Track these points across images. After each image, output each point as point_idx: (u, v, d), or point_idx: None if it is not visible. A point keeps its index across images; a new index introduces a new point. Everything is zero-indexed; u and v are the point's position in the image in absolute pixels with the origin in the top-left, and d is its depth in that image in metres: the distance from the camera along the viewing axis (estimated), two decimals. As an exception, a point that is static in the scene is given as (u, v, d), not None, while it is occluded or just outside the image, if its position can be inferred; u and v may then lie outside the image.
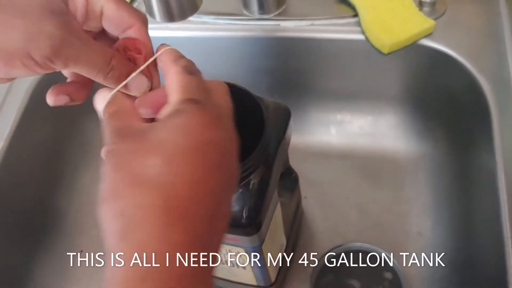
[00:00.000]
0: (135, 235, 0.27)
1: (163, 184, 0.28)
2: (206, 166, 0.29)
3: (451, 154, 0.69)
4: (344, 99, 0.76)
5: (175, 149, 0.29)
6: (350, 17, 0.67)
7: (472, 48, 0.63)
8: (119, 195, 0.29)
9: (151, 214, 0.28)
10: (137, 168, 0.29)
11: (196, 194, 0.29)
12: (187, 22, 0.69)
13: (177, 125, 0.30)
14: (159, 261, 0.27)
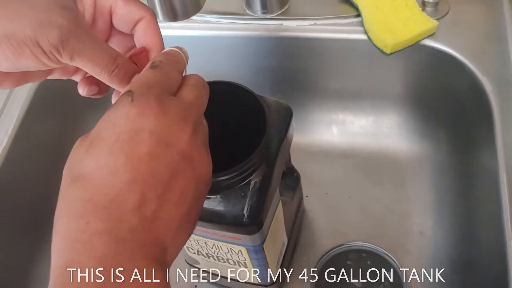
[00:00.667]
0: (60, 227, 0.29)
1: (84, 176, 0.29)
2: (132, 155, 0.29)
3: (453, 154, 0.69)
4: (346, 98, 0.76)
5: (101, 141, 0.30)
6: (352, 17, 0.67)
7: (475, 48, 0.63)
8: (60, 190, 0.31)
9: (71, 206, 0.29)
10: (71, 164, 0.31)
11: (116, 183, 0.29)
12: (190, 21, 0.69)
13: (107, 119, 0.31)
14: (79, 248, 0.28)
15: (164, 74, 0.34)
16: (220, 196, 0.45)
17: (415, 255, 0.66)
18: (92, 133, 0.31)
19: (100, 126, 0.31)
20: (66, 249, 0.28)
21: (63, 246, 0.29)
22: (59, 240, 0.29)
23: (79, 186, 0.29)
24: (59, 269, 0.28)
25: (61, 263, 0.28)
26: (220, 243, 0.51)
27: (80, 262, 0.28)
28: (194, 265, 0.62)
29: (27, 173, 0.69)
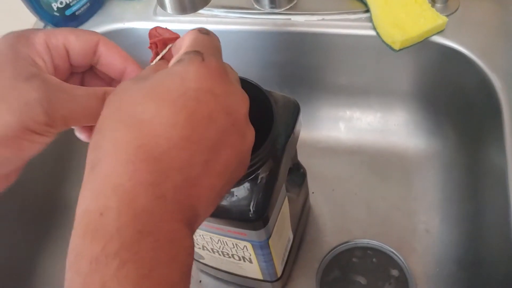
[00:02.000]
0: (102, 168, 0.28)
1: (140, 121, 0.28)
2: (193, 113, 0.29)
3: (461, 152, 0.69)
4: (354, 95, 0.76)
5: (163, 91, 0.29)
6: (361, 12, 0.67)
7: (484, 45, 0.62)
8: (101, 129, 0.29)
9: (121, 148, 0.28)
10: (124, 106, 0.29)
11: (171, 137, 0.28)
12: (197, 15, 0.69)
13: (173, 72, 0.30)
14: (120, 195, 0.26)
15: (215, 41, 0.34)
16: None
17: (421, 253, 0.66)
18: (153, 80, 0.30)
19: (165, 76, 0.30)
20: (104, 193, 0.27)
21: (101, 188, 0.27)
22: (99, 181, 0.27)
23: (132, 130, 0.28)
24: (91, 213, 0.26)
25: (95, 207, 0.27)
26: (226, 238, 0.51)
27: (117, 211, 0.26)
28: (199, 260, 0.62)
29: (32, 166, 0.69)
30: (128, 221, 0.26)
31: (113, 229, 0.26)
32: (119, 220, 0.26)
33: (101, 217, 0.26)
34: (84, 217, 0.27)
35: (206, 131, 0.29)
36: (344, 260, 0.65)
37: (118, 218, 0.26)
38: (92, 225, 0.26)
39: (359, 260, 0.65)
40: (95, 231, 0.26)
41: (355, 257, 0.65)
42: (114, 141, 0.28)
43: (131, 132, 0.28)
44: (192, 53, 0.31)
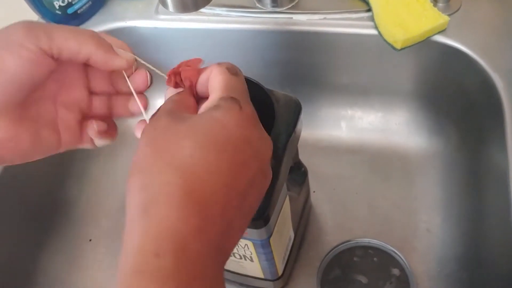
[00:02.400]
0: (156, 210, 0.28)
1: (188, 166, 0.29)
2: (233, 161, 0.31)
3: (462, 152, 0.69)
4: (355, 94, 0.76)
5: (208, 138, 0.30)
6: (363, 11, 0.67)
7: (486, 45, 0.62)
8: (146, 170, 0.30)
9: (173, 193, 0.29)
10: (169, 147, 0.30)
11: (219, 185, 0.30)
12: (199, 14, 0.69)
13: (215, 118, 0.31)
14: (175, 239, 0.28)
15: (243, 81, 0.36)
16: (228, 190, 0.45)
17: (422, 252, 0.65)
18: (196, 124, 0.31)
19: (209, 123, 0.31)
20: (161, 236, 0.28)
21: (158, 231, 0.28)
22: (154, 224, 0.28)
23: (182, 174, 0.29)
24: (146, 253, 0.27)
25: (151, 248, 0.27)
26: (227, 236, 0.51)
27: (174, 255, 0.27)
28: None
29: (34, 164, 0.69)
30: (183, 266, 0.27)
31: (169, 272, 0.27)
32: (175, 264, 0.27)
33: (157, 258, 0.27)
34: (139, 256, 0.28)
35: (242, 177, 0.31)
36: (345, 259, 0.65)
37: (174, 262, 0.27)
38: (147, 265, 0.27)
39: (360, 259, 0.65)
40: (152, 273, 0.27)
41: (356, 256, 0.65)
42: (166, 185, 0.29)
43: (181, 177, 0.29)
44: (230, 100, 0.33)
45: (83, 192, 0.76)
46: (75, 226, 0.73)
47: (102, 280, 0.69)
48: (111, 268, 0.69)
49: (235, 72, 0.35)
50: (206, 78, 0.36)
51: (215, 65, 0.36)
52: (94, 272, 0.69)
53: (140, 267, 0.27)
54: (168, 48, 0.73)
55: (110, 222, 0.73)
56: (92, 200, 0.75)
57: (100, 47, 0.36)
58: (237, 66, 0.36)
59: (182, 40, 0.72)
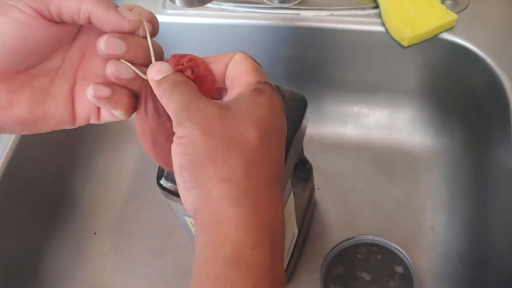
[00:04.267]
0: (248, 204, 0.28)
1: (264, 157, 0.30)
2: (282, 148, 0.32)
3: (468, 150, 0.68)
4: (361, 91, 0.75)
5: (267, 125, 0.30)
6: (370, 8, 0.67)
7: (494, 43, 0.62)
8: (220, 161, 0.29)
9: (259, 186, 0.29)
10: (235, 137, 0.29)
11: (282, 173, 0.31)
12: (206, 9, 0.69)
13: (264, 104, 0.31)
14: (270, 234, 0.28)
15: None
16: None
17: (426, 251, 0.65)
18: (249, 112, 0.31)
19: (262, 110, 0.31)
20: (257, 229, 0.28)
21: (253, 224, 0.28)
22: (247, 216, 0.28)
23: (260, 166, 0.30)
24: (243, 245, 0.27)
25: (248, 240, 0.27)
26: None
27: (271, 249, 0.28)
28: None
29: (40, 157, 0.69)
30: (276, 261, 0.28)
31: (267, 266, 0.27)
32: (271, 259, 0.27)
33: (254, 251, 0.27)
34: (235, 247, 0.27)
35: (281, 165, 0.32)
36: (349, 256, 0.65)
37: (270, 256, 0.27)
38: (245, 257, 0.27)
39: (363, 257, 0.65)
40: (250, 265, 0.27)
41: (359, 253, 0.65)
42: (250, 177, 0.29)
43: (261, 169, 0.29)
44: (269, 86, 0.32)
45: (89, 186, 0.76)
46: (80, 220, 0.73)
47: (106, 273, 0.69)
48: (115, 261, 0.70)
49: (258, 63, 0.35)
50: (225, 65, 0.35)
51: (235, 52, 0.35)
52: (98, 265, 0.70)
53: (238, 258, 0.27)
54: (175, 43, 0.73)
55: (115, 215, 0.74)
56: (97, 194, 0.76)
57: (100, 4, 0.33)
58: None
59: (188, 35, 0.72)
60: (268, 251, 0.27)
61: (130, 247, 0.71)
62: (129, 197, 0.75)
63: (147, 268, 0.69)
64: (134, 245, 0.71)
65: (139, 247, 0.70)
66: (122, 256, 0.70)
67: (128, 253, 0.70)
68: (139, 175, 0.77)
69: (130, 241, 0.71)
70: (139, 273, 0.68)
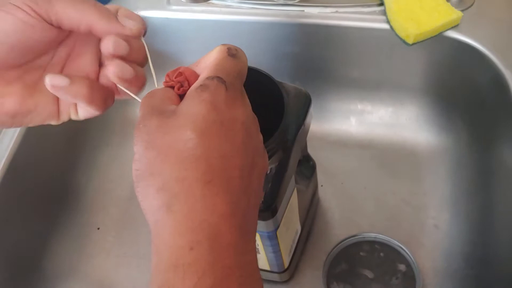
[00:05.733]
0: (181, 207, 0.28)
1: (199, 157, 0.29)
2: (233, 142, 0.30)
3: (472, 148, 0.68)
4: (366, 88, 0.75)
5: (206, 123, 0.30)
6: (375, 5, 0.66)
7: (499, 41, 0.62)
8: (156, 172, 0.29)
9: (192, 187, 0.28)
10: (171, 143, 0.29)
11: (229, 168, 0.30)
12: (211, 5, 0.69)
13: (204, 100, 0.30)
14: (207, 230, 0.28)
15: (241, 64, 0.35)
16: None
17: (429, 249, 0.65)
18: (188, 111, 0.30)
19: (200, 107, 0.30)
20: (191, 229, 0.28)
21: (187, 224, 0.28)
22: (181, 219, 0.28)
23: (195, 167, 0.29)
24: (180, 248, 0.27)
25: (183, 242, 0.27)
26: (234, 228, 0.51)
27: (208, 246, 0.27)
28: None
29: (44, 152, 0.69)
30: (218, 255, 0.27)
31: (205, 264, 0.27)
32: (210, 254, 0.27)
33: (192, 251, 0.27)
34: (173, 252, 0.27)
35: (246, 156, 0.31)
36: (352, 254, 0.65)
37: (209, 253, 0.27)
38: (182, 259, 0.27)
39: (366, 254, 0.65)
40: (187, 266, 0.27)
41: (362, 251, 0.65)
42: (183, 181, 0.29)
43: (195, 170, 0.29)
44: (216, 80, 0.32)
45: (92, 181, 0.76)
46: (83, 215, 0.73)
47: (109, 268, 0.69)
48: (118, 257, 0.70)
49: (233, 54, 0.34)
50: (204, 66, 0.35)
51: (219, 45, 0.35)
52: (101, 260, 0.70)
53: (176, 262, 0.27)
54: (179, 39, 0.73)
55: (118, 211, 0.74)
56: (101, 189, 0.76)
57: (102, 17, 0.35)
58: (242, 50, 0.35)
59: (193, 31, 0.72)
60: (206, 247, 0.27)
61: (133, 242, 0.71)
62: (132, 192, 0.75)
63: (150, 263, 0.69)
64: (137, 240, 0.71)
65: (142, 242, 0.71)
66: (126, 251, 0.70)
67: (131, 248, 0.71)
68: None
69: (134, 236, 0.71)
70: (142, 268, 0.68)
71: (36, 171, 0.68)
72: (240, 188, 0.30)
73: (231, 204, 0.29)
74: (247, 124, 0.32)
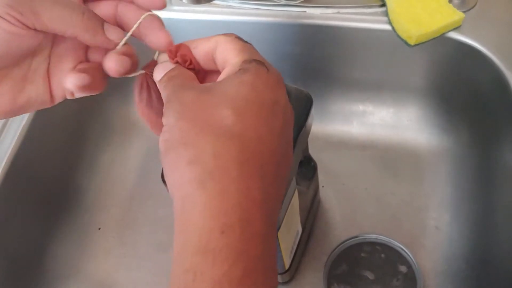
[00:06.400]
0: (215, 185, 0.27)
1: (236, 135, 0.28)
2: (272, 125, 0.30)
3: (474, 150, 0.68)
4: (367, 89, 0.75)
5: (245, 103, 0.29)
6: (377, 6, 0.66)
7: (501, 42, 0.62)
8: (190, 143, 0.28)
9: (228, 165, 0.27)
10: (208, 118, 0.28)
11: (263, 151, 0.29)
12: (212, 6, 0.69)
13: (245, 81, 0.30)
14: (240, 215, 0.26)
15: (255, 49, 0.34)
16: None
17: (430, 250, 0.65)
18: (227, 90, 0.30)
19: (241, 87, 0.30)
20: (224, 211, 0.26)
21: (219, 206, 0.26)
22: (214, 199, 0.27)
23: (232, 144, 0.28)
24: (211, 231, 0.26)
25: (215, 224, 0.26)
26: (235, 228, 0.51)
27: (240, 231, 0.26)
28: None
29: (45, 152, 0.69)
30: (249, 243, 0.26)
31: (235, 252, 0.26)
32: (242, 241, 0.26)
33: (223, 235, 0.26)
34: (202, 234, 0.26)
35: (280, 144, 0.30)
36: (352, 255, 0.65)
37: (240, 240, 0.26)
38: (213, 243, 0.26)
39: (367, 255, 0.65)
40: (218, 252, 0.26)
41: (363, 252, 0.65)
42: (218, 157, 0.27)
43: (231, 148, 0.28)
44: (255, 63, 0.31)
45: (93, 181, 0.76)
46: (84, 215, 0.74)
47: (110, 268, 0.69)
48: (119, 257, 0.70)
49: (246, 41, 0.34)
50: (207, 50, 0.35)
51: (219, 36, 0.34)
52: (102, 260, 0.70)
53: (206, 245, 0.26)
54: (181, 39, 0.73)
55: (120, 211, 0.74)
56: (102, 189, 0.76)
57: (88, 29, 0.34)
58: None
59: (195, 31, 0.72)
60: (238, 234, 0.26)
61: (134, 242, 0.71)
62: (133, 192, 0.76)
63: (151, 263, 0.69)
64: (139, 240, 0.71)
65: (143, 242, 0.71)
66: (126, 251, 0.70)
67: (132, 248, 0.71)
68: (144, 170, 0.77)
69: (135, 236, 0.71)
70: (143, 268, 0.68)
71: (37, 171, 0.68)
72: (272, 175, 0.29)
73: (263, 190, 0.28)
74: (286, 109, 0.31)
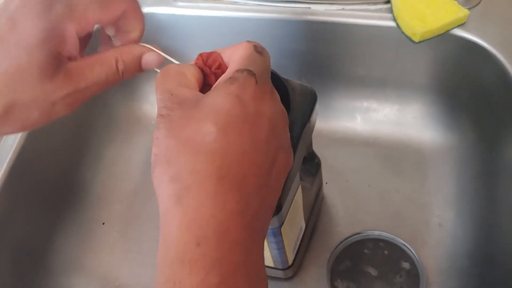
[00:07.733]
0: (191, 200, 0.28)
1: (216, 151, 0.29)
2: (255, 139, 0.30)
3: (478, 147, 0.68)
4: (371, 86, 0.75)
5: (229, 117, 0.29)
6: (382, 3, 0.66)
7: (506, 39, 0.61)
8: (173, 161, 0.29)
9: (205, 180, 0.28)
10: (191, 135, 0.29)
11: (246, 165, 0.29)
12: (217, 2, 0.69)
13: (231, 93, 0.30)
14: (215, 226, 0.27)
15: (267, 61, 0.35)
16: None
17: (433, 247, 0.65)
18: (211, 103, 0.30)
19: (225, 100, 0.30)
20: (199, 224, 0.27)
21: (195, 219, 0.28)
22: (190, 213, 0.28)
23: (210, 160, 0.29)
24: (187, 243, 0.27)
25: (191, 237, 0.27)
26: (238, 224, 0.51)
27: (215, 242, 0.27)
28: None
29: (49, 148, 0.70)
30: (225, 252, 0.27)
31: (212, 260, 0.27)
32: (217, 251, 0.27)
33: (198, 247, 0.27)
34: (179, 246, 0.27)
35: (266, 154, 0.31)
36: (356, 251, 0.65)
37: (216, 249, 0.27)
38: (189, 255, 0.27)
39: (370, 252, 0.65)
40: (193, 262, 0.27)
41: (366, 249, 0.65)
42: (196, 173, 0.28)
43: (210, 164, 0.28)
44: (246, 73, 0.31)
45: (97, 176, 0.77)
46: (88, 210, 0.74)
47: (114, 264, 0.69)
48: (123, 252, 0.70)
49: (260, 51, 0.34)
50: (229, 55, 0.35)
51: (242, 42, 0.35)
52: (106, 256, 0.70)
53: (182, 257, 0.27)
54: (185, 35, 0.74)
55: (124, 206, 0.74)
56: (106, 184, 0.76)
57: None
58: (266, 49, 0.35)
59: (199, 27, 0.72)
60: (213, 244, 0.27)
61: (138, 237, 0.71)
62: (137, 187, 0.76)
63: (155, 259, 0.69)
64: (142, 236, 0.71)
65: (147, 237, 0.71)
66: (130, 247, 0.71)
67: (136, 244, 0.71)
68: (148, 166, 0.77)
69: (138, 231, 0.72)
70: (147, 264, 0.69)
71: (41, 167, 0.68)
72: (255, 186, 0.30)
73: (242, 202, 0.29)
74: (274, 120, 0.32)
